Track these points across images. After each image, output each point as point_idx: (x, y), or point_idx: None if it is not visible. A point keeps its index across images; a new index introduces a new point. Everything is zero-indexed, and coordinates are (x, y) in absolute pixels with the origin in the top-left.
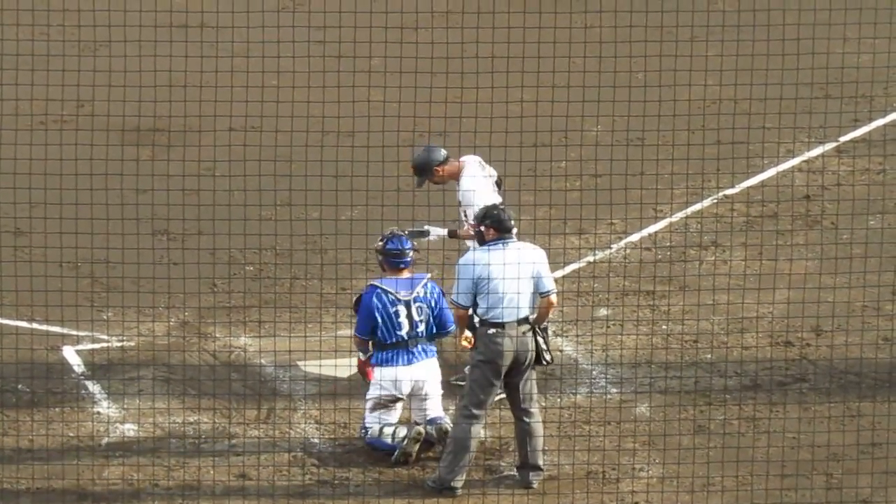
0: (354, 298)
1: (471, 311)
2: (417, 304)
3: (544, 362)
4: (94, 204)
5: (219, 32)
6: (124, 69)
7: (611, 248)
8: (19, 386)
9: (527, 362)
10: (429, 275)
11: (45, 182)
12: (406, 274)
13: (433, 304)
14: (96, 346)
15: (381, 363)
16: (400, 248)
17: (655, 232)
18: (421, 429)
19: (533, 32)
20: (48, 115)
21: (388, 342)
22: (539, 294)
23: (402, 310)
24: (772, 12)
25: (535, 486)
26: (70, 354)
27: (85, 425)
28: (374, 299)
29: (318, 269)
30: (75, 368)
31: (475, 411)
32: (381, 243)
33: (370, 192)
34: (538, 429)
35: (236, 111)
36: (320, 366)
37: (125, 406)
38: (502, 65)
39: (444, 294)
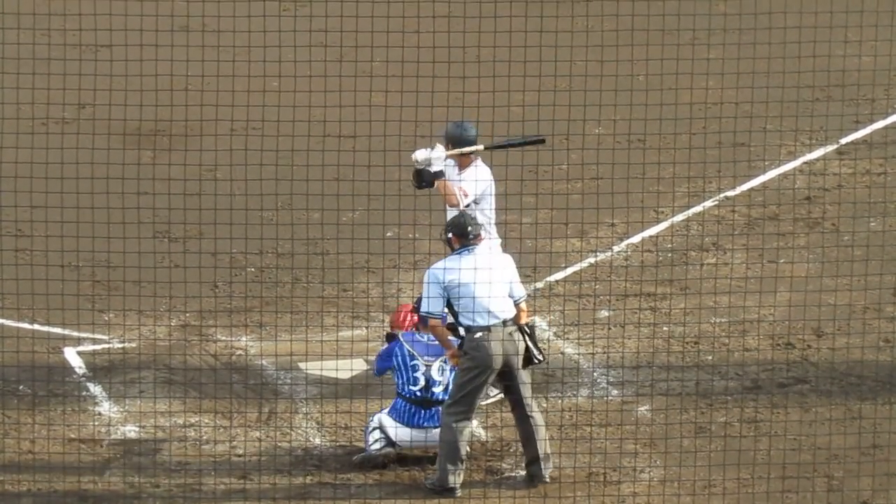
0: (386, 333)
1: (449, 319)
2: (439, 365)
3: (535, 361)
4: (96, 206)
5: (220, 35)
6: (125, 71)
7: (612, 249)
8: (20, 387)
9: (518, 363)
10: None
11: (47, 184)
12: None
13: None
14: (97, 347)
15: (391, 412)
16: None
17: (656, 234)
18: (393, 453)
19: (534, 34)
20: (49, 117)
21: (402, 393)
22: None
23: (422, 367)
24: (773, 14)
25: (548, 479)
26: (71, 355)
27: (86, 426)
28: (397, 349)
29: (319, 270)
30: (76, 370)
31: (461, 415)
32: (416, 303)
33: (371, 194)
34: (541, 429)
35: (237, 113)
36: (321, 367)
37: (126, 407)
38: (503, 67)
39: None
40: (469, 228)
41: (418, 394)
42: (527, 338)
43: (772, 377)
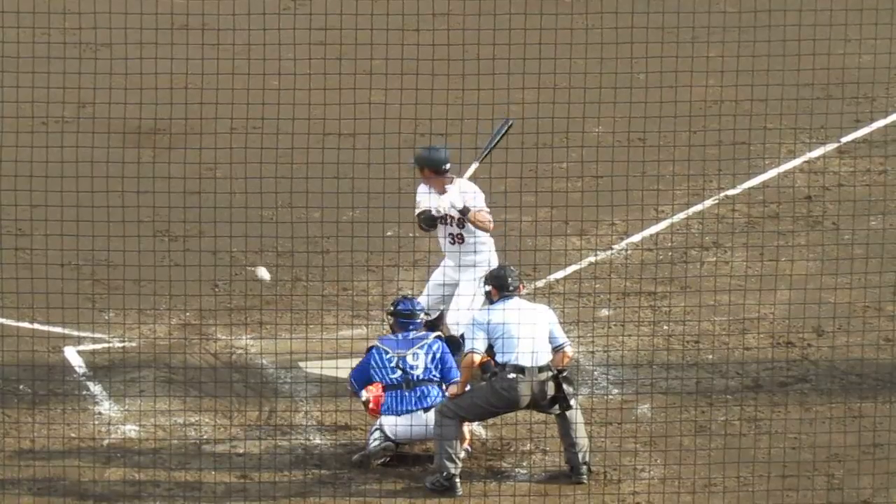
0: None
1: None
2: (413, 352)
3: (562, 405)
4: (96, 205)
5: (219, 33)
6: (125, 70)
7: (612, 248)
8: (21, 386)
9: (543, 404)
10: (434, 334)
11: (47, 183)
12: (412, 334)
13: (435, 356)
14: (97, 346)
15: (384, 408)
16: (411, 309)
17: (657, 232)
18: (392, 446)
19: (534, 33)
20: (49, 116)
21: (386, 384)
22: (553, 348)
23: (395, 359)
24: (773, 13)
25: (584, 474)
26: (71, 355)
27: (86, 426)
28: (374, 356)
29: (319, 269)
30: (76, 369)
31: (457, 417)
32: (392, 306)
33: (371, 193)
34: (577, 426)
35: (237, 112)
36: (321, 366)
37: (126, 407)
38: (503, 66)
39: (449, 352)
40: (508, 280)
41: (398, 379)
42: (558, 386)
43: (772, 376)
